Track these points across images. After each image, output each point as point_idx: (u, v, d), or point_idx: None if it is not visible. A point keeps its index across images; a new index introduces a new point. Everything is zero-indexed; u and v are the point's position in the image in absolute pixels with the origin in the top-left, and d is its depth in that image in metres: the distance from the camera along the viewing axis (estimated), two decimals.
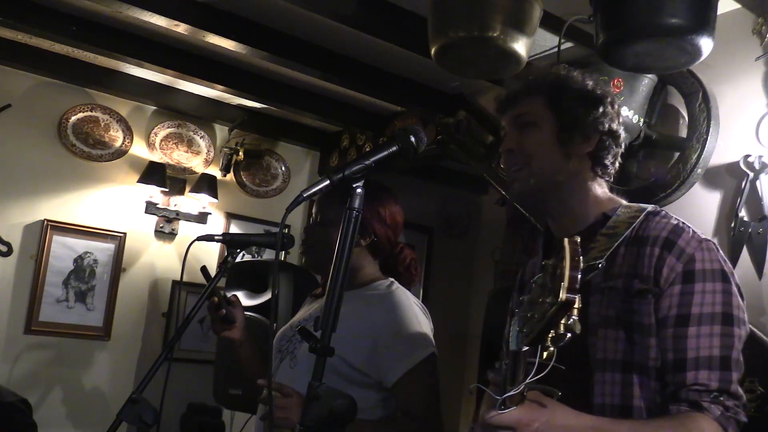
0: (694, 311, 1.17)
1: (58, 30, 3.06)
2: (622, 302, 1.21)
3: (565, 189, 1.34)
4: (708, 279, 1.19)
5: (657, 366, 1.19)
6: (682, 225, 1.25)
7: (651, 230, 1.24)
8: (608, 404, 1.20)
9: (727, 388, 1.15)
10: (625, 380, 1.20)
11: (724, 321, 1.18)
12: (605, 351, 1.22)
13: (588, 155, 1.35)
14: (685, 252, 1.20)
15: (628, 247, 1.25)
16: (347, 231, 1.16)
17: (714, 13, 1.94)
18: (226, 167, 4.07)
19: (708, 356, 1.16)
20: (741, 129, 2.40)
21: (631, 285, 1.21)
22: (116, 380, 3.73)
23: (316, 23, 2.86)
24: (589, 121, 1.33)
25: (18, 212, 3.55)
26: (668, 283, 1.19)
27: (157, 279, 3.92)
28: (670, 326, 1.18)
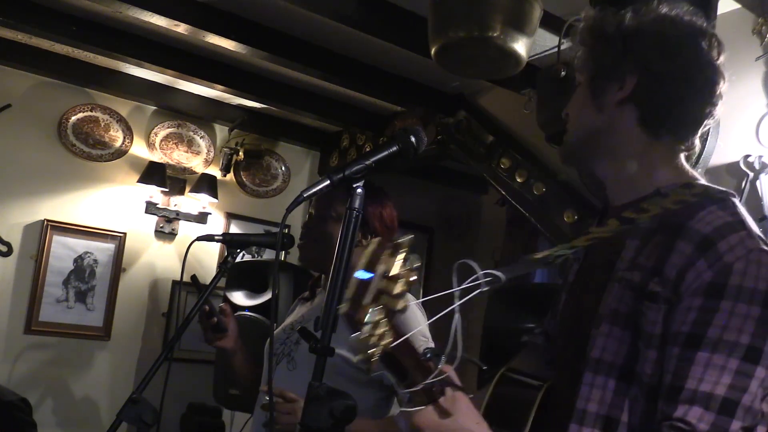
0: (712, 334, 0.93)
1: (58, 30, 3.06)
2: (634, 300, 1.01)
3: (609, 146, 1.13)
4: (743, 299, 0.93)
5: (652, 384, 0.99)
6: (737, 224, 0.99)
7: (696, 221, 0.99)
8: (591, 412, 1.02)
9: None
10: (619, 389, 1.01)
11: (747, 356, 0.92)
12: (603, 350, 1.03)
13: (631, 103, 1.11)
14: (722, 259, 0.95)
15: (663, 235, 1.02)
16: (347, 231, 1.15)
17: (714, 13, 1.94)
18: (226, 167, 4.07)
19: (709, 393, 0.92)
20: (741, 129, 2.40)
21: (647, 282, 1.00)
22: (116, 380, 3.73)
23: (316, 23, 2.86)
24: (621, 62, 1.10)
25: (18, 212, 3.55)
26: (689, 292, 0.96)
27: (157, 279, 3.92)
28: (679, 345, 0.95)
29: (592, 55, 1.15)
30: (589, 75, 1.15)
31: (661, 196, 1.07)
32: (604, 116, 1.13)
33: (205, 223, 4.03)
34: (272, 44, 3.05)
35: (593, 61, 1.14)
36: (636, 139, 1.12)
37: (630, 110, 1.11)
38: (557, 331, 1.24)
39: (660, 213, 1.04)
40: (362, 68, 3.32)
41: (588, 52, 1.16)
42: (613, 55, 1.11)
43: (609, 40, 1.12)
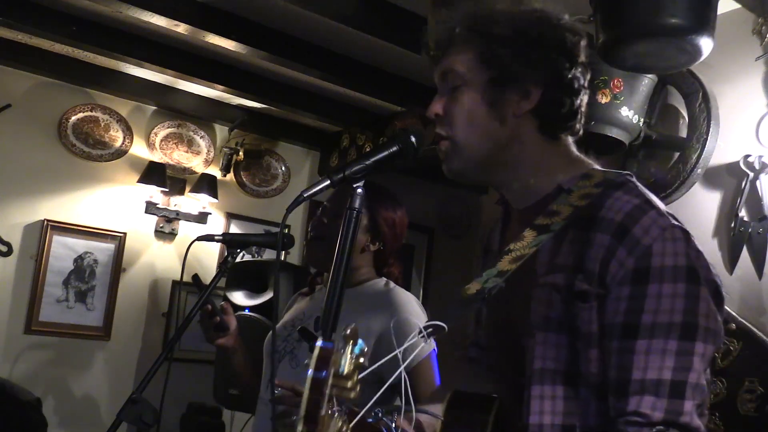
0: (646, 320, 0.92)
1: (58, 30, 3.07)
2: (563, 302, 0.98)
3: (508, 158, 1.08)
4: (667, 279, 0.93)
5: (600, 382, 0.97)
6: (644, 205, 0.98)
7: (607, 209, 0.98)
8: (547, 425, 0.98)
9: (674, 420, 0.90)
10: (568, 394, 0.98)
11: (683, 335, 0.91)
12: (544, 359, 0.99)
13: (531, 113, 1.06)
14: (640, 243, 0.94)
15: (578, 230, 1.00)
16: (347, 231, 1.16)
17: (714, 13, 1.94)
18: (226, 167, 4.07)
19: (656, 379, 0.91)
20: (741, 129, 2.40)
21: (572, 282, 0.97)
22: (116, 380, 3.73)
23: (316, 23, 2.86)
24: (525, 70, 1.04)
25: (18, 212, 3.55)
26: (616, 283, 0.94)
27: (157, 279, 3.92)
28: (616, 338, 0.94)
29: (485, 58, 1.06)
30: (485, 81, 1.06)
31: (565, 192, 1.05)
32: (506, 129, 1.07)
33: (205, 223, 4.03)
34: (272, 44, 3.05)
35: (488, 65, 1.06)
36: (537, 147, 1.09)
37: (530, 120, 1.07)
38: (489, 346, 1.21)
39: (571, 213, 1.02)
40: (362, 68, 3.32)
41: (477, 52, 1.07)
42: (513, 62, 1.05)
43: (507, 44, 1.05)
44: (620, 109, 2.44)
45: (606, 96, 2.42)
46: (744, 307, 2.27)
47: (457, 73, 1.08)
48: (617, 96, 2.42)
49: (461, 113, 1.08)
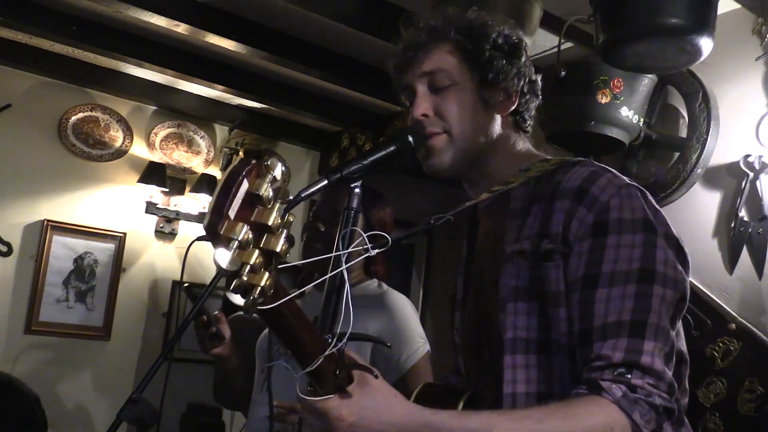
0: (606, 269, 0.95)
1: (58, 30, 3.06)
2: (531, 269, 1.01)
3: (489, 153, 1.15)
4: (625, 230, 0.96)
5: (571, 343, 0.98)
6: (600, 170, 1.03)
7: (566, 181, 1.03)
8: (521, 393, 0.99)
9: (635, 361, 0.90)
10: (541, 363, 0.99)
11: (641, 279, 0.94)
12: (515, 329, 1.01)
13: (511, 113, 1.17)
14: (598, 200, 0.98)
15: (540, 204, 1.05)
16: (346, 232, 1.15)
17: (714, 13, 1.94)
18: (226, 167, 4.07)
19: (616, 321, 0.92)
20: (741, 129, 2.40)
21: (538, 246, 1.01)
22: (116, 380, 3.73)
23: (316, 23, 2.86)
24: (512, 75, 1.14)
25: (18, 212, 3.55)
26: (577, 239, 0.98)
27: (157, 279, 3.92)
28: (578, 289, 0.97)
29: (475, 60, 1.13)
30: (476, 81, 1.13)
31: (523, 171, 1.11)
32: (495, 125, 1.15)
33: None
34: (272, 44, 3.05)
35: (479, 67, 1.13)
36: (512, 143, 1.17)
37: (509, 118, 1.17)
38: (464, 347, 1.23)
39: (525, 182, 1.08)
40: (362, 68, 3.32)
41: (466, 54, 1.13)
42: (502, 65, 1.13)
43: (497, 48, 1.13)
44: (620, 109, 2.44)
45: (606, 96, 2.42)
46: (744, 307, 2.27)
47: (445, 73, 1.13)
48: (617, 96, 2.42)
49: (456, 109, 1.12)
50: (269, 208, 0.71)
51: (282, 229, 0.72)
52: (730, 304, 2.30)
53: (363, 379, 0.89)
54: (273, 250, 0.71)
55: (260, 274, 0.70)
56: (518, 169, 1.12)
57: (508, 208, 1.10)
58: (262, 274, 0.70)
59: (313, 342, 0.86)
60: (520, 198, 1.09)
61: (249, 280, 0.69)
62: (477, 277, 1.18)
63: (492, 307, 1.07)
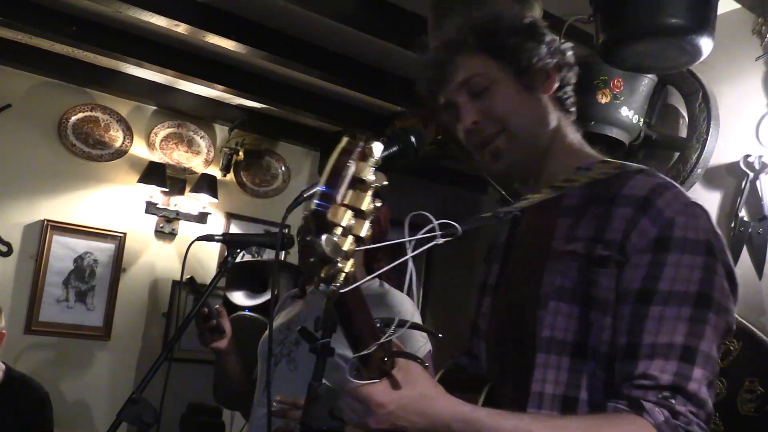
0: (663, 287, 0.93)
1: (58, 30, 3.06)
2: (580, 271, 0.99)
3: (549, 142, 1.13)
4: (688, 250, 0.94)
5: (611, 353, 0.96)
6: (667, 183, 1.01)
7: (629, 188, 1.01)
8: (548, 394, 0.98)
9: (682, 386, 0.89)
10: (574, 366, 0.98)
11: (698, 303, 0.92)
12: (553, 329, 0.99)
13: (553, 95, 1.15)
14: (663, 215, 0.96)
15: (598, 207, 1.02)
16: None
17: (714, 13, 1.94)
18: (226, 167, 4.07)
19: (668, 343, 0.90)
20: (741, 129, 2.40)
21: (593, 251, 0.99)
22: (116, 380, 3.73)
23: (316, 23, 2.86)
24: (542, 55, 1.12)
25: (18, 212, 3.55)
26: (636, 251, 0.96)
27: (157, 279, 3.92)
28: (630, 302, 0.95)
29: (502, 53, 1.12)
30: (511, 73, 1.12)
31: (584, 170, 1.08)
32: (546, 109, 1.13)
33: (205, 223, 4.03)
34: (272, 44, 3.05)
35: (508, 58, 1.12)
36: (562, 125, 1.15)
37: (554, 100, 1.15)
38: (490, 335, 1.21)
39: (588, 182, 1.05)
40: (362, 68, 3.32)
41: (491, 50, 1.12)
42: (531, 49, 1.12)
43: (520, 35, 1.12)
44: (620, 109, 2.44)
45: (606, 96, 2.42)
46: (744, 307, 2.28)
47: (482, 75, 1.11)
48: (617, 96, 2.42)
49: (507, 104, 1.11)
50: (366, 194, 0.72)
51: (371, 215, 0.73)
52: None
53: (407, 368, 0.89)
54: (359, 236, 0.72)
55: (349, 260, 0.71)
56: (575, 167, 1.09)
57: (560, 204, 1.07)
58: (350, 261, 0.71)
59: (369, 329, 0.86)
60: (575, 196, 1.06)
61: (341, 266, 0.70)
62: (515, 268, 1.16)
63: (528, 301, 1.05)
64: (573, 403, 0.97)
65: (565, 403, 0.97)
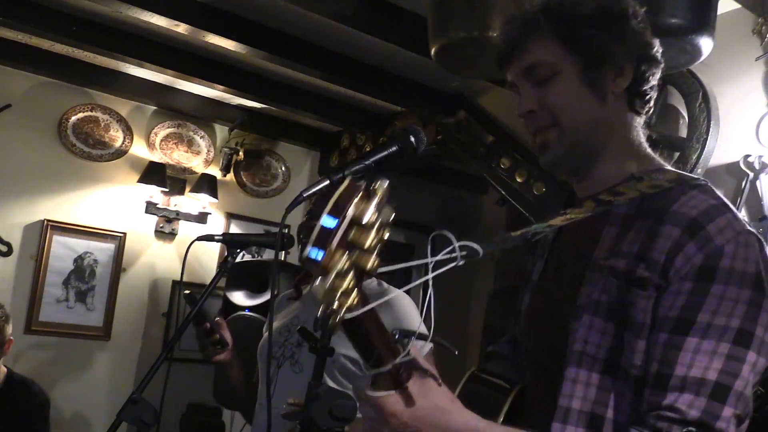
0: (702, 319, 0.88)
1: (58, 30, 3.07)
2: (619, 289, 0.95)
3: (606, 139, 1.07)
4: (733, 282, 0.89)
5: (641, 376, 0.93)
6: (721, 207, 0.95)
7: (680, 205, 0.95)
8: (575, 409, 0.96)
9: (710, 424, 0.85)
10: (603, 384, 0.95)
11: (737, 340, 0.87)
12: (586, 343, 0.96)
13: (625, 91, 1.07)
14: (712, 241, 0.90)
15: (646, 220, 0.97)
16: None
17: (714, 13, 1.94)
18: (226, 167, 4.08)
19: (700, 378, 0.87)
20: (741, 129, 2.40)
21: (634, 269, 0.94)
22: (116, 380, 3.73)
23: (316, 23, 2.86)
24: (619, 48, 1.05)
25: (18, 212, 3.55)
26: (679, 277, 0.91)
27: (157, 279, 3.92)
28: (666, 330, 0.91)
29: (573, 42, 1.05)
30: (578, 64, 1.05)
31: (635, 180, 1.02)
32: (607, 108, 1.06)
33: (205, 223, 4.03)
34: (272, 44, 3.05)
35: (577, 49, 1.05)
36: (627, 125, 1.09)
37: (623, 98, 1.08)
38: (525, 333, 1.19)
39: (637, 196, 1.00)
40: (362, 68, 3.32)
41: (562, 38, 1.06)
42: (604, 40, 1.05)
43: (593, 24, 1.05)
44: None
45: None
46: None
47: (546, 64, 1.06)
48: None
49: (564, 99, 1.06)
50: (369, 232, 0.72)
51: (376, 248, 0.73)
52: None
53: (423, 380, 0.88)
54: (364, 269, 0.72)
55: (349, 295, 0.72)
56: (629, 172, 1.04)
57: (609, 211, 1.03)
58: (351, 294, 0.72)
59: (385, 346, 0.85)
60: (625, 204, 1.01)
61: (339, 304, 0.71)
62: (558, 269, 1.13)
63: (566, 308, 1.02)
64: (599, 422, 0.95)
65: (592, 420, 0.95)
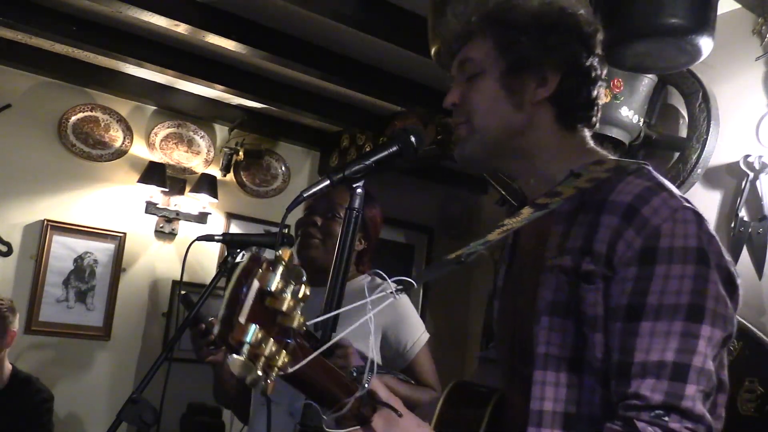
0: (652, 301, 0.88)
1: (58, 30, 3.07)
2: (570, 286, 0.95)
3: (524, 146, 1.07)
4: (676, 260, 0.89)
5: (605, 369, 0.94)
6: (655, 187, 0.95)
7: (617, 193, 0.95)
8: (548, 411, 0.96)
9: (675, 405, 0.85)
10: (572, 382, 0.95)
11: (689, 316, 0.88)
12: (548, 344, 0.96)
13: (548, 101, 1.06)
14: (649, 223, 0.91)
15: (587, 214, 0.98)
16: (347, 230, 1.16)
17: (714, 13, 1.94)
18: (226, 167, 4.08)
19: (658, 361, 0.87)
20: (741, 129, 2.40)
21: (579, 264, 0.95)
22: (116, 380, 3.73)
23: (316, 23, 2.86)
24: (542, 56, 1.04)
25: (18, 212, 3.55)
26: (622, 264, 0.91)
27: (157, 279, 3.92)
28: (620, 319, 0.91)
29: (501, 45, 1.06)
30: (502, 67, 1.06)
31: (574, 176, 1.01)
32: (524, 115, 1.06)
33: (205, 223, 4.04)
34: (272, 44, 3.05)
35: (505, 52, 1.06)
36: (554, 136, 1.08)
37: (548, 108, 1.07)
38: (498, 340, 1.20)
39: (575, 194, 0.99)
40: (362, 68, 3.32)
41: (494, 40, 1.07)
42: (530, 48, 1.04)
43: (524, 31, 1.05)
44: (620, 109, 2.44)
45: (606, 96, 2.42)
46: (744, 307, 2.26)
47: (474, 61, 1.08)
48: (617, 96, 2.43)
49: (479, 99, 1.07)
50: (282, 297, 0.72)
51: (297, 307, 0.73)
52: None
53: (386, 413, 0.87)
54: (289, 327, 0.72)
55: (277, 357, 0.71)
56: (569, 169, 1.02)
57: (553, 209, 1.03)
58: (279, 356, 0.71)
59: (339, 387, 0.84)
60: (568, 200, 1.01)
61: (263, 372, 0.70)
62: (518, 272, 1.14)
63: (527, 311, 1.03)
64: (574, 420, 0.95)
65: (566, 420, 0.95)
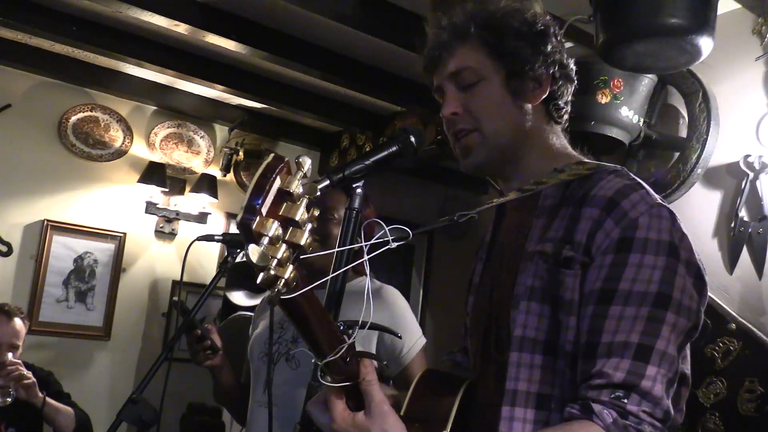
0: (623, 287, 0.94)
1: (58, 30, 3.07)
2: (549, 272, 1.01)
3: (527, 146, 1.14)
4: (649, 251, 0.95)
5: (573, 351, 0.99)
6: (635, 185, 1.02)
7: (598, 188, 1.02)
8: (522, 391, 1.00)
9: (635, 384, 0.90)
10: (546, 364, 1.00)
11: (656, 303, 0.93)
12: (525, 328, 1.01)
13: (541, 103, 1.14)
14: (627, 215, 0.97)
15: (568, 207, 1.04)
16: (347, 230, 1.16)
17: (714, 13, 1.94)
18: (226, 167, 4.07)
19: (624, 341, 0.92)
20: (741, 129, 2.40)
21: (560, 251, 1.01)
22: (116, 380, 3.73)
23: (316, 23, 2.86)
24: (540, 62, 1.11)
25: (18, 212, 3.55)
26: (600, 252, 0.97)
27: (157, 279, 3.92)
28: (592, 303, 0.96)
29: (499, 51, 1.11)
30: (503, 74, 1.11)
31: (557, 172, 1.09)
32: (527, 117, 1.13)
33: (205, 223, 4.03)
34: (272, 44, 3.05)
35: (503, 58, 1.11)
36: (547, 134, 1.16)
37: (541, 109, 1.14)
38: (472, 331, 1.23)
39: (557, 184, 1.07)
40: (362, 68, 3.32)
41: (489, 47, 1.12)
42: (528, 53, 1.11)
43: (521, 37, 1.11)
44: (620, 109, 2.44)
45: (606, 96, 2.42)
46: (744, 307, 2.28)
47: (474, 69, 1.12)
48: (617, 96, 2.43)
49: (486, 105, 1.12)
50: (297, 204, 0.75)
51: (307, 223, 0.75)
52: (730, 304, 2.30)
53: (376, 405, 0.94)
54: (298, 244, 0.74)
55: (285, 267, 0.73)
56: (552, 167, 1.10)
57: (536, 205, 1.09)
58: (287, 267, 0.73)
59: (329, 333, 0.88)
60: (551, 197, 1.08)
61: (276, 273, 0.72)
62: (496, 266, 1.18)
63: (505, 300, 1.07)
64: (547, 401, 0.99)
65: (539, 400, 1.00)
